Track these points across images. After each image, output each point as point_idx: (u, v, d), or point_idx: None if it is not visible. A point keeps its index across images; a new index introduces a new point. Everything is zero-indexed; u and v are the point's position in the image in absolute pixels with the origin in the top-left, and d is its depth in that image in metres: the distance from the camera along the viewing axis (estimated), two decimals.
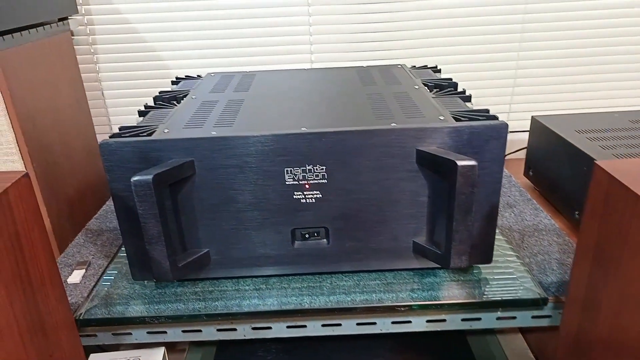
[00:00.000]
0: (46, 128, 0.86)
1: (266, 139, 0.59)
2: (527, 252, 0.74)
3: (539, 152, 0.97)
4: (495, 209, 0.64)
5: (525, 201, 0.90)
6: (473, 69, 1.17)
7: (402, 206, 0.64)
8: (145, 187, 0.56)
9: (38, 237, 0.52)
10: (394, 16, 1.12)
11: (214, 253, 0.66)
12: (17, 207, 0.49)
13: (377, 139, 0.60)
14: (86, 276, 0.73)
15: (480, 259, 0.67)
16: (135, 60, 1.12)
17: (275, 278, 0.69)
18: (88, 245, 0.82)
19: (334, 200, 0.63)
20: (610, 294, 0.46)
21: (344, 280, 0.68)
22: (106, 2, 1.07)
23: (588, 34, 1.15)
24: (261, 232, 0.64)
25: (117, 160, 0.60)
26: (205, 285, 0.68)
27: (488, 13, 1.12)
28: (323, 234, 0.65)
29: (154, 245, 0.59)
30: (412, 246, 0.66)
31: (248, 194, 0.62)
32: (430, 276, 0.68)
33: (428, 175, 0.62)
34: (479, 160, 0.60)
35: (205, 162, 0.60)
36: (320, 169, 0.61)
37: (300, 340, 0.84)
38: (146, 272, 0.66)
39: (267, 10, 1.09)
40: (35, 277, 0.52)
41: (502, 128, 0.59)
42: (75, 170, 0.96)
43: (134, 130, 0.63)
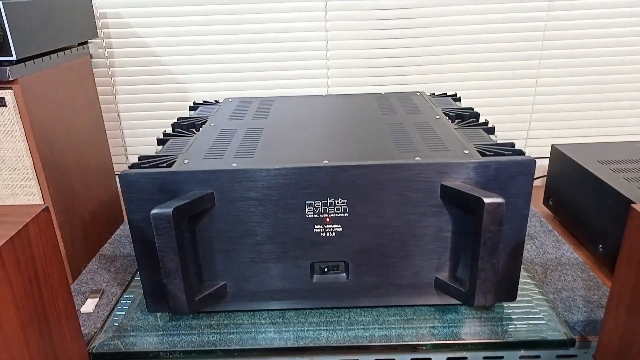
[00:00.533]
0: (63, 152, 0.86)
1: (288, 172, 0.58)
2: (551, 288, 0.72)
3: (559, 182, 0.95)
4: (520, 246, 0.62)
5: (546, 232, 0.88)
6: (490, 95, 1.16)
7: (425, 241, 0.62)
8: (164, 220, 0.55)
9: (56, 273, 0.51)
10: (411, 42, 1.11)
11: (230, 286, 0.64)
12: (37, 242, 0.48)
13: (400, 174, 0.59)
14: (99, 305, 0.72)
15: (504, 297, 0.65)
16: (153, 83, 1.13)
17: (292, 312, 0.67)
18: (102, 272, 0.81)
19: (355, 234, 0.62)
20: None
21: (362, 315, 0.66)
22: (125, 25, 1.08)
23: (607, 61, 1.13)
24: (279, 265, 0.63)
25: (137, 192, 0.59)
26: (221, 317, 0.67)
27: (506, 40, 1.11)
28: (343, 268, 0.64)
29: (171, 278, 0.58)
30: (434, 282, 0.64)
31: (267, 227, 0.61)
32: (452, 312, 0.66)
33: (452, 211, 0.60)
34: (505, 197, 0.59)
35: (226, 194, 0.59)
36: (342, 202, 0.60)
37: None
38: (161, 304, 0.65)
39: (285, 35, 1.09)
40: (52, 314, 0.51)
41: (529, 164, 0.58)
42: (91, 194, 0.96)
43: (154, 161, 0.63)
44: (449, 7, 1.08)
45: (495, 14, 1.09)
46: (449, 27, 1.10)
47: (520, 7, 1.08)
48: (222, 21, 1.08)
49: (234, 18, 1.08)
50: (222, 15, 1.08)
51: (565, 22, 1.10)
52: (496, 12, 1.09)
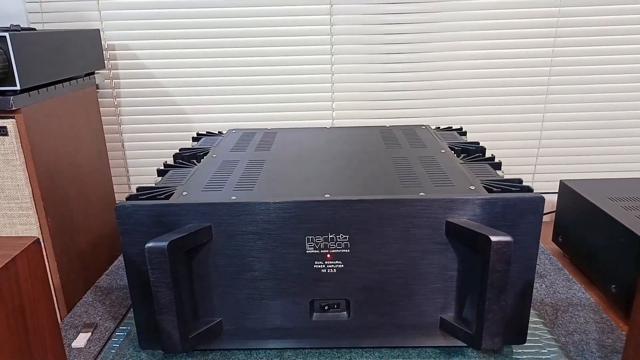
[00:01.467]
0: (65, 182, 0.85)
1: (288, 206, 0.57)
2: (563, 330, 0.69)
3: (569, 218, 0.93)
4: (529, 286, 0.59)
5: (556, 271, 0.85)
6: (497, 129, 1.15)
7: (430, 280, 0.60)
8: (159, 254, 0.53)
9: (44, 309, 0.49)
10: (417, 76, 1.11)
11: (227, 323, 0.62)
12: (25, 276, 0.46)
13: (404, 209, 0.57)
14: (92, 340, 0.70)
15: (513, 340, 0.62)
16: (158, 113, 1.13)
17: (290, 351, 0.64)
18: (96, 305, 0.79)
19: (356, 271, 0.59)
20: None
21: (364, 356, 0.63)
22: (132, 57, 1.09)
23: (615, 97, 1.13)
24: (278, 302, 0.61)
25: (133, 224, 0.57)
26: (216, 356, 0.64)
27: (513, 75, 1.11)
28: (344, 307, 0.61)
29: (164, 315, 0.55)
30: (439, 322, 0.61)
31: (266, 262, 0.59)
32: (458, 355, 0.63)
33: (458, 249, 0.58)
34: (513, 235, 0.57)
35: (224, 228, 0.58)
36: (344, 237, 0.58)
37: None
38: (154, 341, 0.63)
39: (291, 68, 1.10)
40: (38, 350, 0.49)
41: (538, 201, 0.56)
42: (91, 225, 0.94)
43: (152, 192, 0.61)
44: (455, 42, 1.09)
45: (501, 49, 1.09)
46: (455, 61, 1.10)
47: (527, 43, 1.08)
48: (228, 54, 1.09)
49: (241, 51, 1.09)
50: (228, 48, 1.09)
51: (571, 58, 1.09)
52: (503, 47, 1.09)
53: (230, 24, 1.07)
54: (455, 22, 1.08)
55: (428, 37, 1.09)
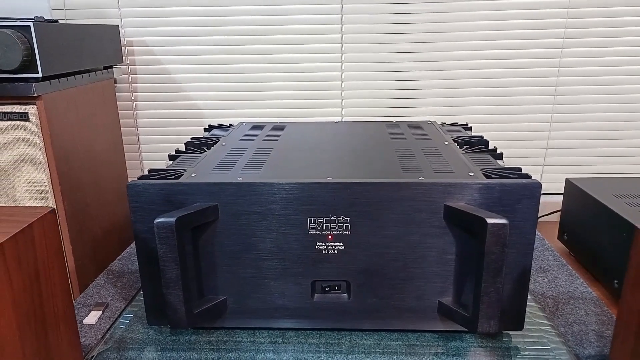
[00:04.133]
0: (81, 169, 0.89)
1: (291, 187, 0.59)
2: (562, 321, 0.70)
3: (574, 216, 0.93)
4: (527, 272, 0.60)
5: (559, 266, 0.85)
6: (506, 129, 1.16)
7: (428, 264, 0.61)
8: (167, 229, 0.56)
9: (57, 277, 0.52)
10: (426, 74, 1.13)
11: (231, 301, 0.64)
12: (40, 243, 0.49)
13: (404, 192, 0.59)
14: (102, 318, 0.73)
15: (511, 325, 0.63)
16: (172, 108, 1.16)
17: (292, 332, 0.66)
18: (108, 287, 0.82)
19: (357, 253, 0.61)
20: None
21: (364, 338, 0.65)
22: (149, 53, 1.13)
23: (624, 98, 1.13)
24: (280, 282, 0.63)
25: (143, 202, 0.60)
26: (220, 334, 0.66)
27: (521, 75, 1.12)
28: (344, 288, 0.63)
29: (171, 289, 0.58)
30: (437, 306, 0.63)
31: (269, 242, 0.61)
32: (457, 340, 0.64)
33: (456, 233, 0.59)
34: (510, 220, 0.58)
35: (229, 208, 0.60)
36: (345, 220, 0.60)
37: None
38: (162, 318, 0.65)
39: (301, 66, 1.12)
40: (50, 317, 0.51)
41: (535, 187, 0.57)
42: (104, 211, 0.98)
43: (162, 173, 0.64)
44: (464, 42, 1.10)
45: (510, 49, 1.10)
46: (463, 61, 1.12)
47: (536, 44, 1.10)
48: (241, 51, 1.12)
49: (253, 48, 1.12)
50: (241, 45, 1.12)
51: (579, 59, 1.10)
52: (511, 47, 1.10)
53: (242, 22, 1.11)
54: (463, 23, 1.09)
55: (437, 36, 1.11)
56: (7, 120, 0.77)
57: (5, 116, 0.77)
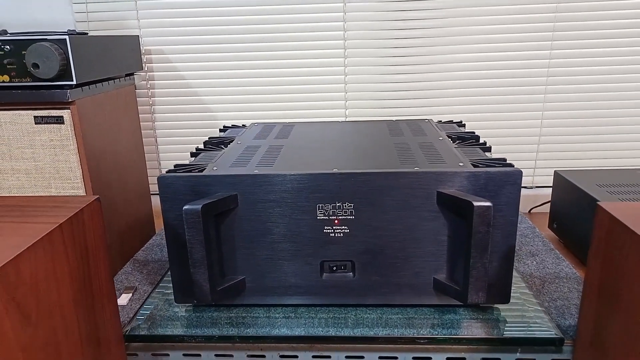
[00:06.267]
0: (107, 169, 0.97)
1: (302, 177, 0.67)
2: (547, 297, 0.77)
3: (562, 206, 1.00)
4: (511, 250, 0.68)
5: (547, 251, 0.93)
6: (500, 126, 1.24)
7: (424, 244, 0.69)
8: (194, 215, 0.64)
9: (102, 256, 0.60)
10: (424, 76, 1.21)
11: (249, 281, 0.72)
12: (89, 225, 0.57)
13: (401, 181, 0.66)
14: (132, 299, 0.81)
15: (498, 299, 0.70)
16: (188, 111, 1.25)
17: (303, 308, 0.74)
18: (135, 274, 0.90)
19: (360, 235, 0.69)
20: (615, 333, 0.49)
21: (368, 313, 0.73)
22: (166, 61, 1.22)
23: (615, 95, 1.20)
24: (293, 262, 0.71)
25: (172, 193, 0.68)
26: (239, 311, 0.74)
27: (513, 76, 1.20)
28: (349, 268, 0.71)
29: (197, 268, 0.66)
30: (432, 282, 0.70)
31: (283, 227, 0.69)
32: (451, 313, 0.72)
33: (448, 216, 0.67)
34: (495, 204, 0.66)
35: (247, 197, 0.68)
36: (349, 206, 0.68)
37: None
38: (187, 297, 0.73)
39: (308, 70, 1.21)
40: (97, 291, 0.60)
41: (516, 174, 0.65)
42: (128, 209, 1.06)
43: (187, 168, 0.72)
44: (460, 45, 1.18)
45: (502, 52, 1.18)
46: (461, 63, 1.20)
47: (525, 47, 1.17)
48: (252, 57, 1.21)
49: (262, 55, 1.20)
50: (252, 52, 1.20)
51: (567, 60, 1.18)
52: (503, 50, 1.18)
53: (252, 31, 1.19)
54: (458, 28, 1.17)
55: (434, 40, 1.19)
56: (45, 124, 0.86)
57: (42, 120, 0.85)
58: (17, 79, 0.82)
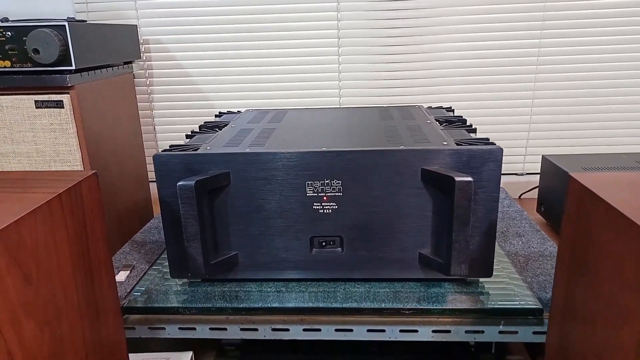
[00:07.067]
0: (106, 153, 1.00)
1: (291, 155, 0.70)
2: (530, 273, 0.80)
3: (549, 189, 1.03)
4: (493, 225, 0.71)
5: (533, 232, 0.96)
6: (491, 114, 1.26)
7: (409, 220, 0.71)
8: (188, 190, 0.67)
9: (99, 228, 0.63)
10: (418, 65, 1.23)
11: (242, 256, 0.75)
12: (87, 197, 0.60)
13: (387, 159, 0.69)
14: (130, 276, 0.84)
15: (482, 273, 0.73)
16: (185, 100, 1.28)
17: (294, 283, 0.77)
18: (133, 253, 0.93)
19: (348, 212, 0.72)
20: (583, 298, 0.51)
21: (356, 287, 0.75)
22: (164, 50, 1.24)
23: (606, 83, 1.22)
24: (284, 238, 0.73)
25: (167, 170, 0.71)
26: (232, 286, 0.77)
27: (503, 64, 1.22)
28: (338, 243, 0.74)
29: (191, 242, 0.69)
30: (418, 257, 0.73)
31: (274, 204, 0.72)
32: (436, 287, 0.75)
33: (432, 192, 0.70)
34: (477, 180, 0.68)
35: (239, 174, 0.71)
36: (337, 183, 0.70)
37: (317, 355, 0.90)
38: (182, 271, 0.76)
39: (302, 59, 1.23)
40: (95, 261, 0.62)
41: (497, 152, 0.68)
42: (126, 193, 1.09)
43: (182, 147, 0.75)
44: (452, 35, 1.21)
45: (493, 40, 1.20)
46: (453, 52, 1.22)
47: (515, 35, 1.20)
48: (248, 46, 1.23)
49: (258, 44, 1.23)
50: (248, 41, 1.23)
51: (557, 49, 1.20)
52: (494, 39, 1.20)
53: (247, 21, 1.22)
54: (449, 17, 1.20)
55: (428, 29, 1.21)
56: (45, 108, 0.89)
57: (43, 104, 0.88)
58: (18, 64, 0.85)
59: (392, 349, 0.83)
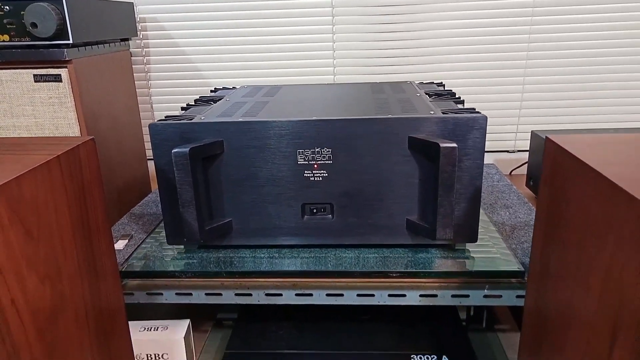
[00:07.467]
0: (105, 128, 1.02)
1: (283, 124, 0.72)
2: (515, 241, 0.82)
3: (538, 164, 1.05)
4: (478, 192, 0.73)
5: (521, 204, 0.98)
6: (483, 92, 1.28)
7: (397, 187, 0.74)
8: (182, 157, 0.69)
9: (98, 193, 0.66)
10: (412, 42, 1.25)
11: (235, 222, 0.77)
12: (85, 162, 0.62)
13: (375, 127, 0.71)
14: (128, 245, 0.86)
15: (467, 238, 0.76)
16: (182, 78, 1.29)
17: (287, 249, 0.80)
18: (131, 224, 0.95)
19: (338, 179, 0.74)
20: (556, 258, 0.54)
21: (346, 252, 0.78)
22: (160, 28, 1.26)
23: (597, 61, 1.24)
24: (276, 205, 0.76)
25: (162, 139, 0.73)
26: (227, 252, 0.80)
27: (495, 42, 1.24)
28: (328, 210, 0.76)
29: (186, 208, 0.71)
30: (405, 223, 0.76)
31: (266, 171, 0.74)
32: (423, 252, 0.77)
33: (419, 159, 0.72)
34: (462, 148, 0.71)
35: (232, 143, 0.73)
36: (327, 151, 0.73)
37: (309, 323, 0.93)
38: (178, 237, 0.79)
39: (297, 37, 1.25)
40: (93, 225, 0.65)
41: (481, 119, 0.70)
42: (125, 168, 1.11)
43: (177, 117, 0.77)
44: (451, 12, 1.22)
45: (485, 18, 1.22)
46: (446, 29, 1.23)
47: (507, 13, 1.21)
48: (244, 24, 1.25)
49: (255, 22, 1.24)
50: (245, 19, 1.24)
51: (549, 26, 1.22)
52: (486, 17, 1.22)
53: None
54: None
55: (425, 7, 1.22)
56: (43, 82, 0.91)
57: (41, 78, 0.90)
58: (16, 38, 0.87)
59: (383, 319, 0.86)
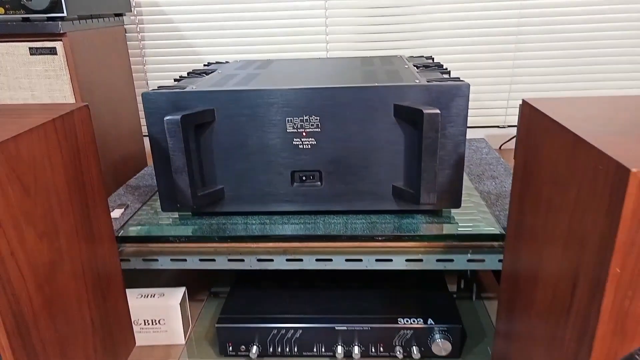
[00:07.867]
0: (100, 101, 1.04)
1: (272, 93, 0.74)
2: (499, 208, 0.85)
3: None
4: (461, 158, 0.75)
5: (507, 175, 1.01)
6: (474, 67, 1.30)
7: (383, 154, 0.76)
8: (174, 124, 0.71)
9: (92, 157, 0.68)
10: (403, 19, 1.26)
11: (227, 189, 0.80)
12: (79, 127, 0.64)
13: (362, 95, 0.73)
14: (124, 213, 0.89)
15: (451, 204, 0.78)
16: (176, 54, 1.31)
17: (277, 216, 0.82)
18: (127, 195, 0.98)
19: (326, 147, 0.76)
20: (530, 220, 0.56)
21: (334, 218, 0.81)
22: (154, 4, 1.27)
23: (588, 36, 1.25)
24: (266, 173, 0.78)
25: (155, 108, 0.75)
26: (220, 219, 0.82)
27: (486, 17, 1.25)
28: (317, 177, 0.79)
29: (179, 174, 0.74)
30: (391, 190, 0.78)
31: (256, 139, 0.77)
32: (409, 218, 0.80)
33: (404, 127, 0.74)
34: (445, 115, 0.73)
35: (223, 111, 0.75)
36: (315, 119, 0.75)
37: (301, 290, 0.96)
38: (172, 204, 0.81)
39: (290, 13, 1.26)
40: (89, 189, 0.67)
41: (464, 87, 0.72)
42: (120, 142, 1.14)
43: (169, 87, 0.79)
44: None
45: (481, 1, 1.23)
46: (439, 5, 1.25)
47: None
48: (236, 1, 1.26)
49: (253, 7, 1.25)
50: None
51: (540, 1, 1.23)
52: None
53: None
54: None
55: None
56: (39, 55, 0.92)
57: (37, 51, 0.92)
58: (12, 11, 0.88)
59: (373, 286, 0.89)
